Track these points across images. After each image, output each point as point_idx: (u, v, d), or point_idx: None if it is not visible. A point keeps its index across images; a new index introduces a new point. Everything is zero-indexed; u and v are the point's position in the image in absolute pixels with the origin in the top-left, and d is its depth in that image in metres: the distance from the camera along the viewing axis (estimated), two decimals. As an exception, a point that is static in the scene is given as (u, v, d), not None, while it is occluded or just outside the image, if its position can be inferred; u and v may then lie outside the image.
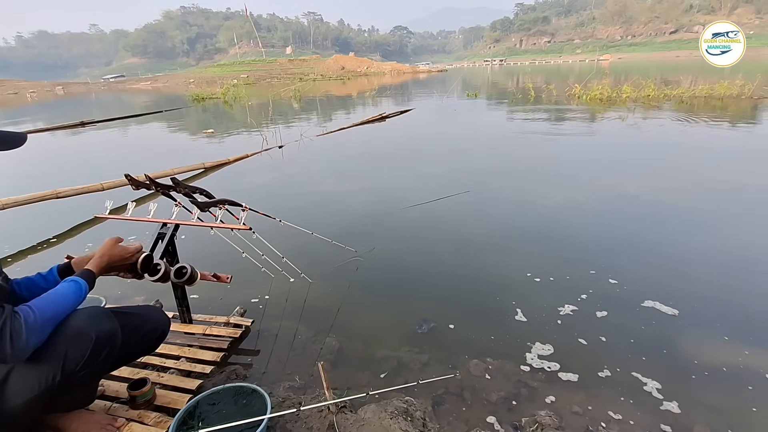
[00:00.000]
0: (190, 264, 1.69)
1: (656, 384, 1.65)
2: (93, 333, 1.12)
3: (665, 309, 2.13)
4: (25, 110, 21.96)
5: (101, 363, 1.18)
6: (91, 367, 1.14)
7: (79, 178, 4.46)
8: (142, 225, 1.95)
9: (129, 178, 1.87)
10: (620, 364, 1.76)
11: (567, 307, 2.18)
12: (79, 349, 1.11)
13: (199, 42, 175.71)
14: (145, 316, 1.42)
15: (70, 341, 1.10)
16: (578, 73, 25.97)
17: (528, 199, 4.03)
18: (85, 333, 1.12)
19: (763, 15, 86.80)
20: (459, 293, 2.43)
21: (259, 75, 50.25)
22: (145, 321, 1.40)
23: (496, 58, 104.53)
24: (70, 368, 1.10)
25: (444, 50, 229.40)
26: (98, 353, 1.14)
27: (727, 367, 1.74)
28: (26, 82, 57.09)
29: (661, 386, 1.64)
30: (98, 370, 1.23)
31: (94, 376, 1.27)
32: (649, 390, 1.63)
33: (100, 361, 1.16)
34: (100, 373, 1.29)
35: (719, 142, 6.30)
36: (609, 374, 1.72)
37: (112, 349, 1.19)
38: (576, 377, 1.71)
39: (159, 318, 1.46)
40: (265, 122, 10.56)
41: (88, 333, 1.12)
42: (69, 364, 1.09)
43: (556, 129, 8.28)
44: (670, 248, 2.84)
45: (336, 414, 1.44)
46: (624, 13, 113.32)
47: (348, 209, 4.03)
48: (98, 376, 1.31)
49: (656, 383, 1.65)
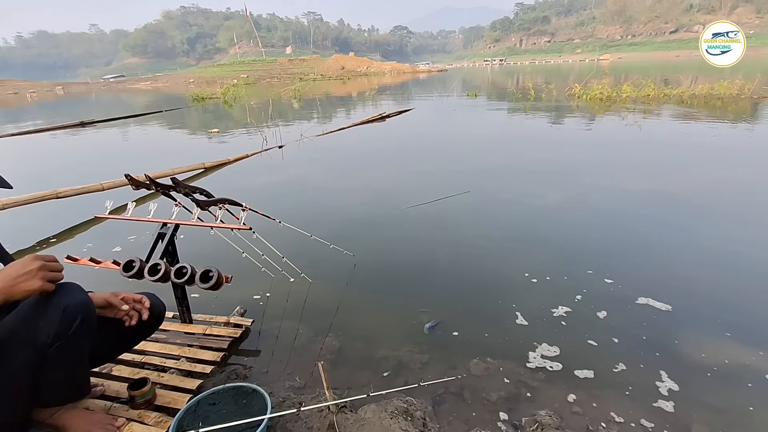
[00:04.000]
0: (191, 264, 1.69)
1: (656, 383, 1.65)
2: (61, 304, 1.11)
3: (664, 309, 2.12)
4: (25, 110, 21.95)
5: (74, 336, 1.14)
6: (63, 339, 1.12)
7: (79, 178, 4.46)
8: (142, 225, 1.95)
9: (129, 178, 1.87)
10: (620, 364, 1.76)
11: (567, 306, 2.18)
12: (48, 320, 1.10)
13: (199, 42, 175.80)
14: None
15: (37, 312, 1.09)
16: (578, 73, 25.96)
17: (528, 199, 4.04)
18: (53, 305, 1.11)
19: (763, 14, 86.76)
20: (459, 293, 2.43)
21: (259, 75, 50.28)
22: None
23: (496, 58, 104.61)
24: (42, 340, 1.09)
25: (444, 50, 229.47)
26: (69, 324, 1.12)
27: (726, 367, 1.74)
28: (26, 82, 57.10)
29: (661, 386, 1.64)
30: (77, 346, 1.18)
31: (74, 353, 1.20)
32: (649, 390, 1.63)
33: (72, 332, 1.13)
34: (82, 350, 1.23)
35: (718, 141, 6.29)
36: (609, 374, 1.72)
37: (84, 320, 1.16)
38: (576, 377, 1.71)
39: (154, 303, 1.46)
40: (265, 122, 10.56)
41: (56, 305, 1.11)
42: (40, 336, 1.09)
43: (556, 129, 8.28)
44: (671, 248, 2.84)
45: (336, 414, 1.44)
46: (624, 13, 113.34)
47: (348, 209, 4.03)
48: (80, 354, 1.24)
49: (656, 383, 1.65)
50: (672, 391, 1.62)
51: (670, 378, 1.68)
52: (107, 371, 1.70)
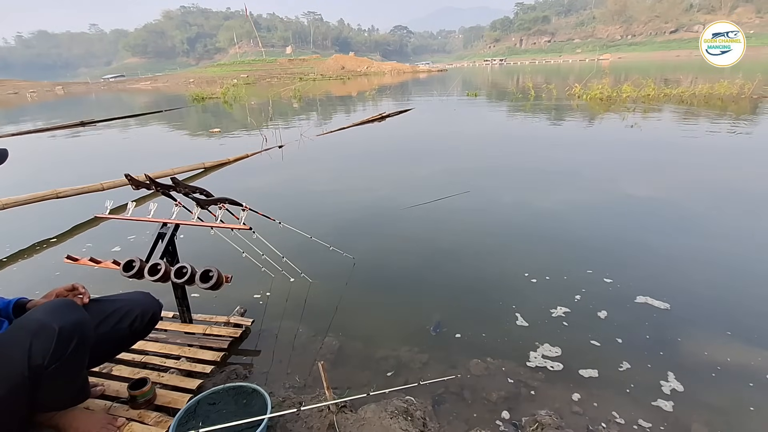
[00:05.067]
0: (191, 264, 1.69)
1: (656, 383, 1.65)
2: (56, 324, 1.07)
3: (664, 309, 2.13)
4: (25, 110, 21.94)
5: (72, 355, 1.12)
6: (61, 360, 1.09)
7: (79, 178, 4.46)
8: (142, 225, 1.95)
9: (129, 178, 1.87)
10: (620, 364, 1.76)
11: (566, 307, 2.18)
12: (43, 342, 1.05)
13: (199, 42, 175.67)
14: (134, 301, 1.42)
15: (33, 335, 1.05)
16: (578, 73, 25.95)
17: (527, 199, 4.04)
18: (47, 325, 1.07)
19: (763, 14, 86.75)
20: (459, 293, 2.43)
21: (259, 75, 50.25)
22: (134, 306, 1.40)
23: (496, 58, 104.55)
24: (37, 362, 1.05)
25: (444, 50, 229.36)
26: (65, 345, 1.09)
27: (726, 366, 1.74)
28: (26, 82, 57.06)
29: (661, 385, 1.64)
30: (75, 363, 1.16)
31: (73, 369, 1.19)
32: (649, 389, 1.63)
33: (69, 353, 1.10)
34: (80, 365, 1.21)
35: (718, 141, 6.29)
36: (610, 374, 1.72)
37: (82, 340, 1.13)
38: (576, 377, 1.71)
39: (149, 302, 1.46)
40: (265, 122, 10.56)
41: (50, 325, 1.07)
42: (35, 359, 1.05)
43: (555, 128, 8.28)
44: (669, 248, 2.84)
45: (336, 414, 1.44)
46: (624, 13, 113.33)
47: (348, 209, 4.03)
48: (79, 368, 1.22)
49: (656, 382, 1.66)
50: (672, 390, 1.62)
51: (669, 378, 1.68)
52: (107, 371, 1.70)
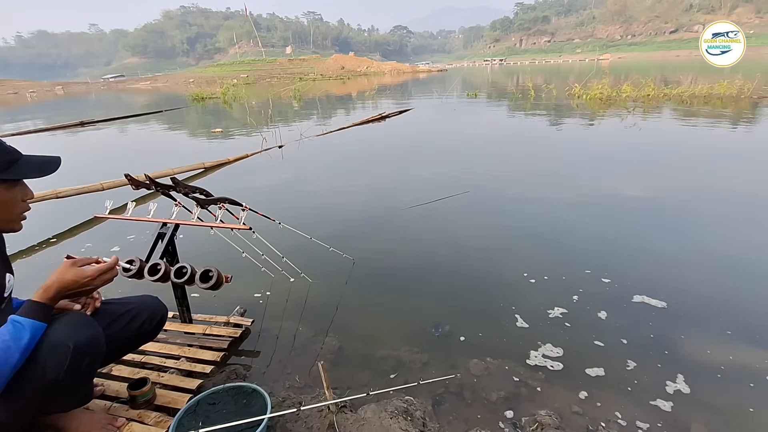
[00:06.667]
0: (190, 264, 1.69)
1: (656, 383, 1.65)
2: (70, 342, 1.07)
3: (663, 309, 2.13)
4: (25, 110, 21.93)
5: (86, 370, 1.14)
6: (75, 375, 1.11)
7: (79, 178, 4.46)
8: (141, 225, 1.95)
9: (129, 177, 1.87)
10: (620, 364, 1.77)
11: (565, 307, 2.18)
12: (58, 359, 1.06)
13: (198, 42, 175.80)
14: (142, 304, 1.43)
15: (48, 353, 1.05)
16: (578, 73, 25.94)
17: (527, 199, 4.04)
18: (62, 343, 1.06)
19: (763, 14, 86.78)
20: (458, 293, 2.43)
21: (258, 75, 50.25)
22: (144, 309, 1.41)
23: (496, 58, 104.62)
24: (52, 377, 1.06)
25: (444, 50, 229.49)
26: (79, 362, 1.09)
27: (726, 367, 1.74)
28: (26, 82, 57.08)
29: (661, 386, 1.64)
30: (86, 376, 1.19)
31: (83, 380, 1.22)
32: (648, 389, 1.63)
33: (83, 368, 1.12)
34: (91, 376, 1.26)
35: (717, 141, 6.30)
36: (609, 374, 1.72)
37: (95, 356, 1.15)
38: (576, 377, 1.71)
39: (156, 306, 1.47)
40: (264, 122, 10.56)
41: (65, 343, 1.06)
42: (49, 375, 1.06)
43: (555, 129, 8.28)
44: (668, 248, 2.84)
45: (336, 414, 1.44)
46: (624, 13, 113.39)
47: (348, 209, 4.03)
48: (89, 379, 1.28)
49: (656, 382, 1.66)
50: (671, 390, 1.62)
51: (669, 378, 1.68)
52: (107, 371, 1.70)
